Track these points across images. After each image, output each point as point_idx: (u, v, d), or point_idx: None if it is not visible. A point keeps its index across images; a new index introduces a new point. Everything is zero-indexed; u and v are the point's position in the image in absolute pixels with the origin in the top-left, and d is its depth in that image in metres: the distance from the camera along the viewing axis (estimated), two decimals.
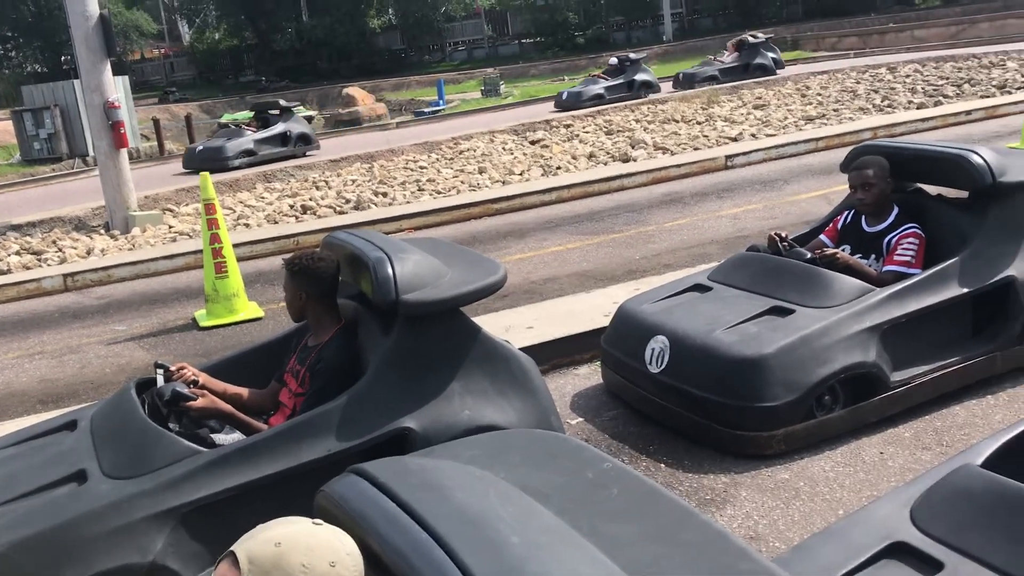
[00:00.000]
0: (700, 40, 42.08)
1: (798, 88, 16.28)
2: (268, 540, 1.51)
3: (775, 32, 37.72)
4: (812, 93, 15.65)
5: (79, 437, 3.34)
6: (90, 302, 7.70)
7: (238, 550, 1.50)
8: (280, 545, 1.49)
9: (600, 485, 1.89)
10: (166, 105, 38.58)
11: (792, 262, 4.29)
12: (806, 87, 16.28)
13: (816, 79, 16.72)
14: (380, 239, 3.63)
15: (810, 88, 16.12)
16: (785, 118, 13.60)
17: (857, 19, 38.13)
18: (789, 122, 13.25)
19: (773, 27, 39.61)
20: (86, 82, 9.97)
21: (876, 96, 14.68)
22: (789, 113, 14.00)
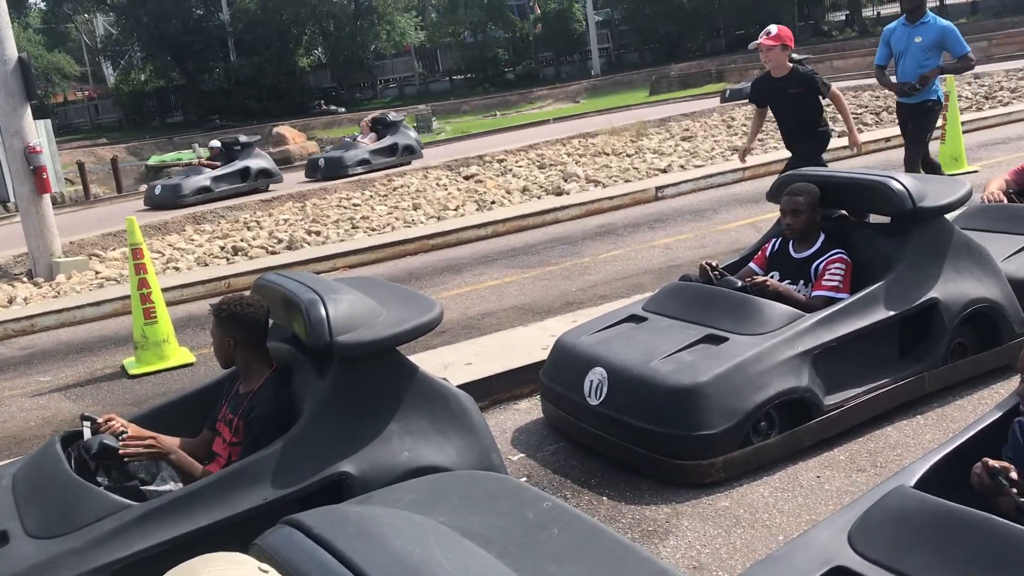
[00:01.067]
0: (627, 74, 42.97)
1: (724, 119, 16.66)
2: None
3: (699, 65, 38.81)
4: (737, 124, 16.03)
5: (0, 496, 3.20)
6: (12, 353, 7.43)
7: None
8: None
9: (541, 526, 1.87)
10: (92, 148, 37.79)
11: (724, 290, 4.35)
12: (731, 118, 16.68)
13: (741, 110, 17.12)
14: (312, 280, 3.59)
15: (735, 119, 16.51)
16: (712, 148, 13.88)
17: None
18: (716, 152, 13.52)
19: (697, 60, 40.70)
20: (5, 127, 9.71)
21: None
22: (716, 144, 14.30)
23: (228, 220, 12.40)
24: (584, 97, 38.72)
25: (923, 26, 7.18)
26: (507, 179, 13.34)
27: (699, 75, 35.40)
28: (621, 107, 26.94)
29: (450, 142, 24.14)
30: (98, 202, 20.19)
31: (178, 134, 41.48)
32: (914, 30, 7.21)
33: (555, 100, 39.62)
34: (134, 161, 35.32)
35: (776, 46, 6.31)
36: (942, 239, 4.47)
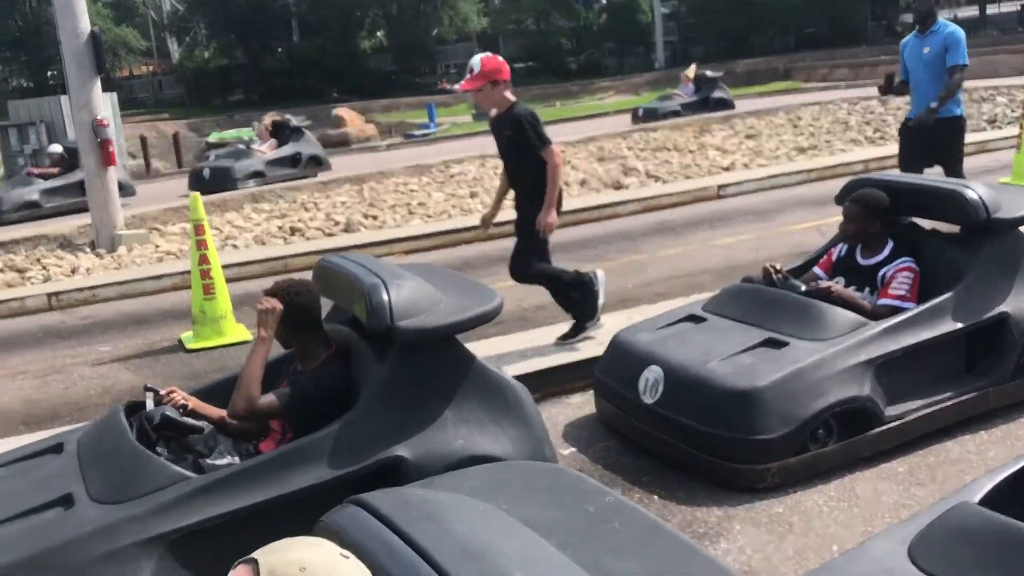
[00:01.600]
0: None
1: (790, 119, 16.38)
2: (293, 562, 1.44)
3: (766, 62, 38.17)
4: (804, 124, 15.75)
5: (65, 461, 3.29)
6: (74, 322, 7.62)
7: (261, 561, 1.44)
8: (304, 571, 1.44)
9: (601, 519, 1.86)
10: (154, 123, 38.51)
11: (787, 294, 4.29)
12: (798, 118, 16.39)
13: (808, 110, 16.82)
14: (375, 264, 3.62)
15: (802, 119, 16.22)
16: (777, 148, 13.67)
17: (848, 51, 38.52)
18: (781, 152, 13.31)
19: (764, 57, 40.07)
20: (75, 99, 9.93)
21: (868, 128, 14.79)
22: (781, 143, 14.08)
23: (286, 200, 12.53)
24: (647, 90, 38.37)
25: (932, 35, 6.70)
26: (565, 171, 13.27)
27: (766, 72, 34.82)
28: None
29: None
30: (159, 177, 20.59)
31: (239, 112, 42.08)
32: (923, 41, 6.74)
33: (617, 92, 39.34)
34: (194, 137, 35.92)
35: (482, 86, 5.18)
36: (1015, 252, 4.35)
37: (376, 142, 27.97)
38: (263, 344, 3.34)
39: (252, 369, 3.30)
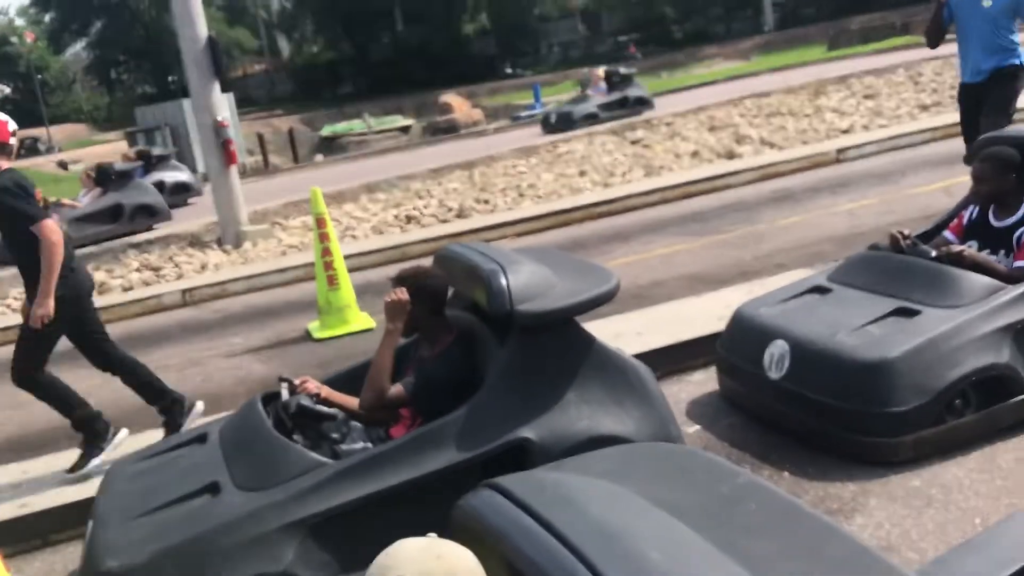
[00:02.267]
0: (803, 29, 41.06)
1: (910, 75, 15.66)
2: (425, 557, 1.49)
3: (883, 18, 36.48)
4: (925, 80, 15.01)
5: (210, 450, 3.46)
6: (207, 316, 7.99)
7: (407, 574, 1.48)
8: (441, 558, 1.50)
9: (736, 500, 1.85)
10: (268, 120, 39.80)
11: (917, 260, 4.12)
12: (919, 74, 15.65)
13: (929, 65, 16.02)
14: (492, 251, 3.66)
15: (923, 75, 15.47)
16: (898, 107, 13.10)
17: None
18: (903, 111, 12.75)
19: (880, 12, 38.31)
20: (196, 102, 10.38)
21: None
22: (902, 102, 13.48)
23: (400, 189, 12.79)
24: (756, 55, 37.37)
25: None
26: (675, 143, 13.10)
27: (883, 28, 33.26)
28: (797, 64, 25.77)
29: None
30: (277, 172, 21.29)
31: (348, 104, 43.05)
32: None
33: (725, 59, 38.42)
34: (308, 132, 36.98)
35: None
36: None
37: (483, 126, 28.15)
38: (391, 336, 3.43)
39: (382, 361, 3.40)
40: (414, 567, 1.48)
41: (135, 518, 3.13)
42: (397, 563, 1.49)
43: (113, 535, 3.06)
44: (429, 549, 1.51)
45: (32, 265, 4.24)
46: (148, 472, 3.50)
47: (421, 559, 1.49)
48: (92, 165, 13.98)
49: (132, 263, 10.09)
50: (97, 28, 54.58)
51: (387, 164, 17.02)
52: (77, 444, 4.62)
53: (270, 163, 25.31)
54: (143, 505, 3.19)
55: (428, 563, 1.48)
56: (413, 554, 1.50)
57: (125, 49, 54.18)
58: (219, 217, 10.58)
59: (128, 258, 10.33)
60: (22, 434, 5.60)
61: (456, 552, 1.54)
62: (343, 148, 30.72)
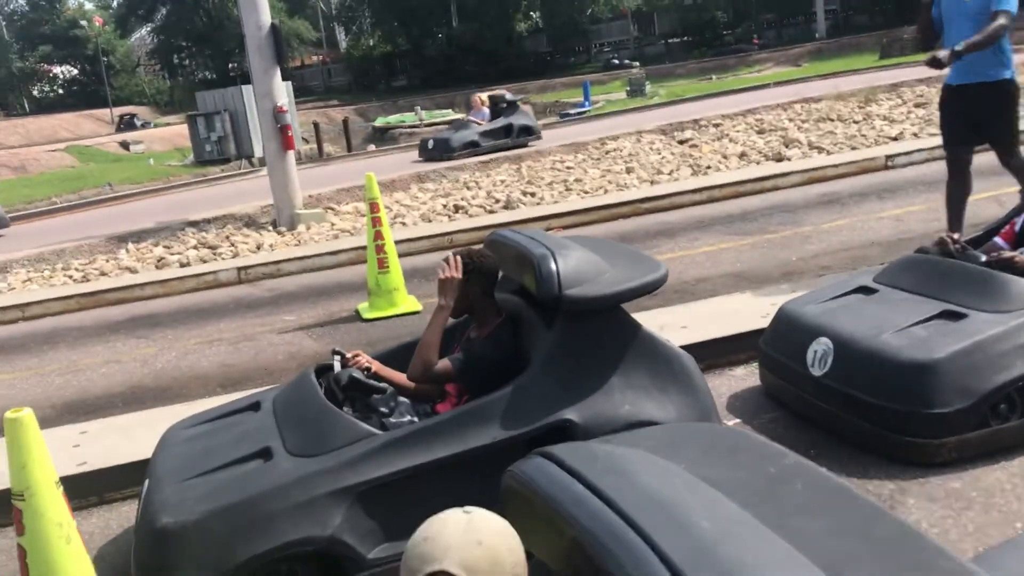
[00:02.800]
0: (854, 37, 40.53)
1: None
2: (466, 544, 1.48)
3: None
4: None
5: (263, 417, 3.58)
6: (261, 293, 8.17)
7: (450, 567, 1.47)
8: (481, 544, 1.49)
9: (783, 480, 1.88)
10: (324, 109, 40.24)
11: (966, 264, 4.11)
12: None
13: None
14: (543, 236, 3.73)
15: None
16: None
17: None
18: None
19: None
20: (257, 88, 10.56)
21: None
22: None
23: (449, 180, 12.90)
24: (806, 61, 36.98)
25: None
26: (723, 144, 13.04)
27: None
28: (847, 71, 25.47)
29: (664, 106, 23.83)
30: (331, 160, 21.54)
31: (401, 97, 43.36)
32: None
33: (775, 64, 38.07)
34: (361, 122, 37.34)
35: None
36: None
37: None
38: (442, 311, 3.52)
39: (431, 335, 3.49)
40: (457, 556, 1.48)
41: (189, 479, 3.23)
42: (437, 553, 1.48)
43: (167, 494, 3.16)
44: (468, 535, 1.50)
45: None
46: (202, 436, 3.62)
47: (463, 549, 1.49)
48: (485, 95, 16.79)
49: (190, 240, 10.32)
50: (162, 14, 55.65)
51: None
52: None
53: (324, 151, 25.59)
54: (197, 467, 3.30)
55: (471, 552, 1.48)
56: (453, 543, 1.49)
57: (188, 35, 55.15)
58: (275, 200, 10.78)
59: (186, 235, 10.57)
60: (81, 398, 5.80)
61: (494, 531, 1.53)
62: (395, 139, 30.98)
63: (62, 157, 29.93)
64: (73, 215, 15.94)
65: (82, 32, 54.01)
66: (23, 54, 55.69)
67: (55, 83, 59.86)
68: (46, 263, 10.01)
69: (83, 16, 57.09)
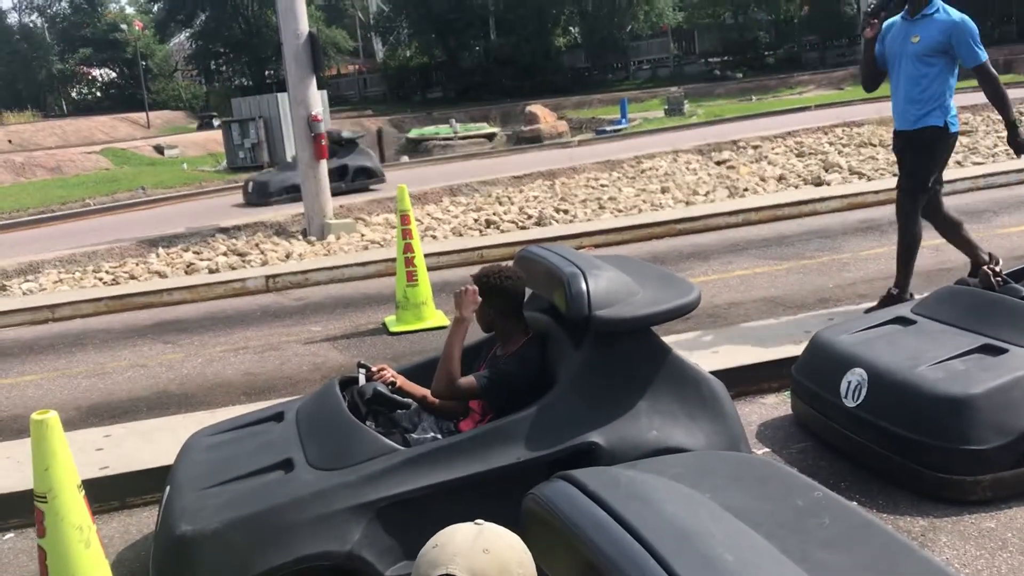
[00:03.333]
0: None
1: None
2: (473, 550, 1.49)
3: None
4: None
5: (286, 428, 3.55)
6: (288, 303, 8.19)
7: (456, 571, 1.47)
8: (488, 552, 1.49)
9: (810, 513, 1.83)
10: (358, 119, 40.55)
11: (1007, 298, 4.02)
12: (1020, 112, 15.18)
13: None
14: (573, 255, 3.69)
15: (1023, 113, 15.01)
16: (995, 145, 12.75)
17: None
18: (1000, 150, 12.41)
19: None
20: (293, 96, 10.64)
21: None
22: (1000, 140, 13.11)
23: (481, 194, 12.92)
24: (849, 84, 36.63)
25: (924, 20, 5.26)
26: (761, 166, 12.96)
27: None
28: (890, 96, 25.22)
29: (702, 126, 23.74)
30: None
31: (437, 109, 43.58)
32: (912, 26, 5.30)
33: (817, 86, 37.80)
34: (395, 133, 37.56)
35: None
36: None
37: (568, 138, 28.21)
38: (460, 324, 3.49)
39: (451, 349, 3.47)
40: (464, 562, 1.47)
41: (209, 487, 3.21)
42: (445, 558, 1.48)
43: (188, 502, 3.15)
44: (476, 543, 1.51)
45: None
46: (225, 444, 3.61)
47: (470, 555, 1.48)
48: None
49: (220, 247, 10.40)
50: (201, 20, 56.44)
51: (470, 168, 17.19)
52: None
53: None
54: (218, 476, 3.28)
55: (477, 558, 1.48)
56: (462, 549, 1.50)
57: (226, 42, 55.88)
58: (305, 208, 10.84)
59: (216, 242, 10.66)
60: (106, 401, 5.82)
61: (504, 542, 1.53)
62: (428, 151, 31.12)
63: (97, 159, 30.37)
64: (106, 217, 16.16)
65: (122, 36, 54.94)
66: (63, 56, 56.73)
67: (94, 85, 60.91)
68: (77, 265, 10.12)
69: (124, 20, 58.09)
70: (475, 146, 30.88)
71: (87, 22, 56.82)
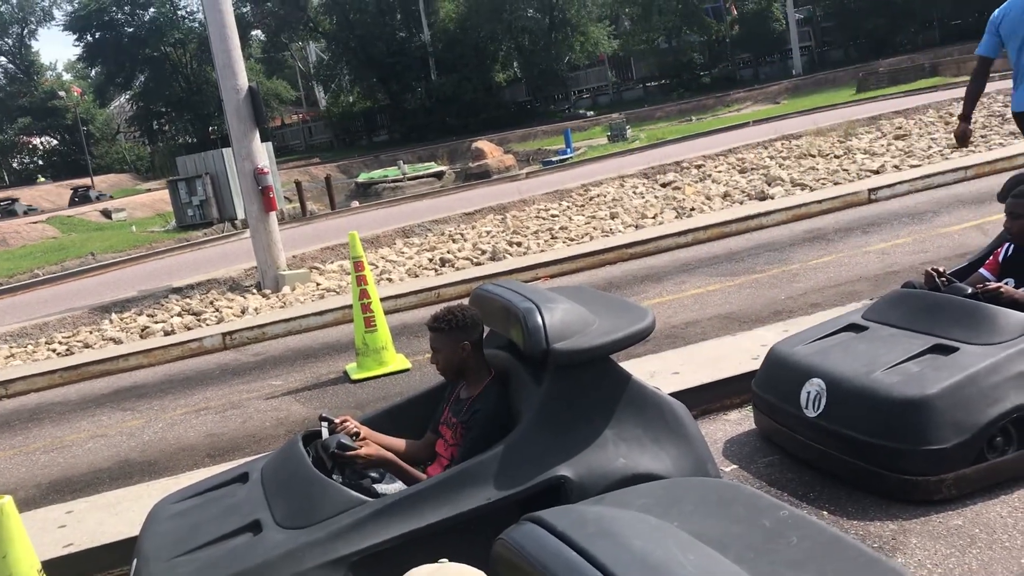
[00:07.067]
0: (831, 72, 41.23)
1: (940, 116, 15.65)
2: None
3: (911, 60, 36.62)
4: (956, 120, 15.01)
5: (251, 489, 3.50)
6: (247, 359, 8.10)
7: None
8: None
9: (778, 533, 1.84)
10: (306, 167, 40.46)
11: (953, 298, 4.11)
12: (949, 114, 15.64)
13: (959, 105, 16.00)
14: (527, 289, 3.70)
15: (953, 115, 15.44)
16: (929, 147, 13.08)
17: None
18: (934, 151, 12.73)
19: (909, 55, 38.44)
20: (237, 150, 10.60)
21: None
22: (933, 142, 13.47)
23: (434, 233, 12.92)
24: (785, 98, 37.50)
25: None
26: (706, 185, 13.14)
27: (911, 70, 33.41)
28: (826, 106, 25.89)
29: (645, 149, 24.06)
30: (314, 218, 21.58)
31: (384, 152, 43.67)
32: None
33: (754, 102, 38.60)
34: (344, 179, 37.52)
35: None
36: None
37: (515, 171, 28.42)
38: (381, 459, 3.39)
39: (402, 471, 3.40)
40: None
41: (178, 556, 3.15)
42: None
43: (156, 573, 3.09)
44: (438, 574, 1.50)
45: None
46: (190, 511, 3.54)
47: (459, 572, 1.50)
48: None
49: (174, 307, 10.27)
50: (140, 81, 56.15)
51: (421, 209, 17.21)
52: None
53: (308, 209, 25.66)
54: (186, 544, 3.22)
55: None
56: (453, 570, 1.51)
57: (167, 101, 55.64)
58: (258, 262, 10.76)
59: (170, 302, 10.52)
60: (66, 475, 5.70)
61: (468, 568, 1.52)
62: (378, 194, 31.14)
63: (44, 228, 29.92)
64: (56, 287, 15.88)
65: (61, 103, 54.40)
66: (1, 126, 56.03)
67: (35, 154, 60.15)
68: (29, 337, 9.93)
69: (61, 87, 57.55)
70: (425, 186, 30.98)
71: (23, 91, 56.21)
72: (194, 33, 52.38)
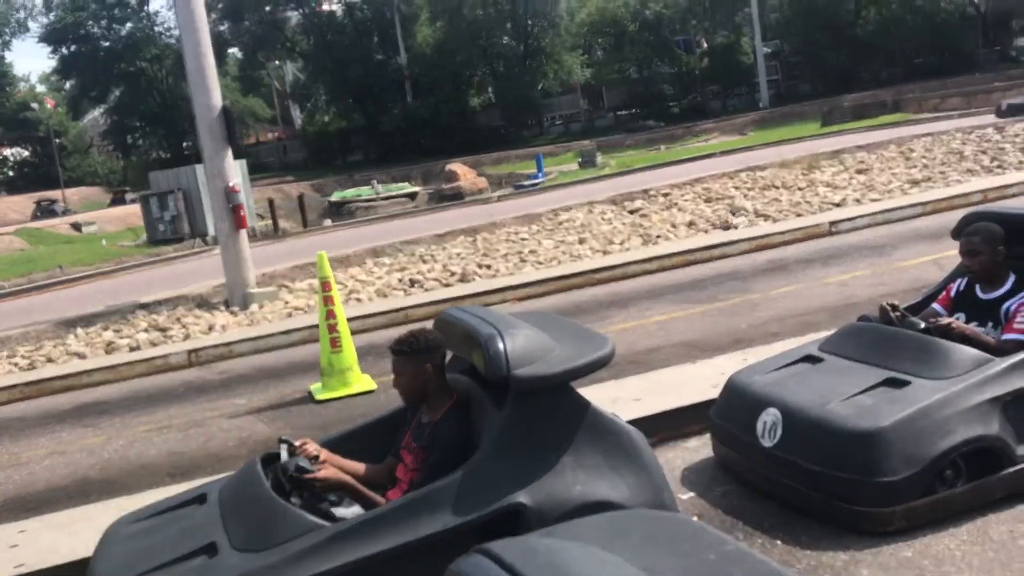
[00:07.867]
0: (797, 106, 41.88)
1: (901, 151, 15.95)
2: None
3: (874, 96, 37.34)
4: (916, 156, 15.31)
5: (209, 510, 3.49)
6: (212, 376, 8.05)
7: None
8: None
9: (723, 569, 1.87)
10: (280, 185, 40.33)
11: (906, 332, 4.20)
12: (910, 150, 15.95)
13: (920, 141, 16.35)
14: (491, 315, 3.73)
15: (914, 151, 15.77)
16: (889, 182, 13.33)
17: (960, 79, 37.33)
18: (894, 186, 12.98)
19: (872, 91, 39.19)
20: (209, 168, 10.58)
21: (984, 157, 14.26)
22: (893, 177, 13.73)
23: (405, 254, 12.93)
24: (752, 130, 38.03)
25: None
26: (672, 213, 13.28)
27: (874, 106, 34.10)
28: (791, 139, 26.27)
29: (615, 176, 24.27)
30: (286, 236, 21.50)
31: (358, 172, 43.64)
32: None
33: (721, 133, 39.11)
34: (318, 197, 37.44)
35: None
36: None
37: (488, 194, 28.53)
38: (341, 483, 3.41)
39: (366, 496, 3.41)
40: None
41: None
42: None
43: None
44: None
45: None
46: (146, 532, 3.52)
47: None
48: None
49: (140, 323, 10.17)
50: (115, 95, 55.76)
51: (393, 229, 17.23)
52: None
53: (280, 227, 25.58)
54: (139, 565, 3.19)
55: None
56: None
57: (141, 115, 55.30)
58: (227, 279, 10.71)
59: (136, 318, 10.42)
60: (22, 493, 5.63)
61: None
62: (351, 213, 31.09)
63: (11, 240, 29.55)
64: (21, 300, 15.68)
65: (33, 115, 53.88)
66: None
67: (5, 165, 59.46)
68: None
69: (35, 98, 57.02)
70: (397, 206, 30.97)
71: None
72: (170, 49, 52.17)
